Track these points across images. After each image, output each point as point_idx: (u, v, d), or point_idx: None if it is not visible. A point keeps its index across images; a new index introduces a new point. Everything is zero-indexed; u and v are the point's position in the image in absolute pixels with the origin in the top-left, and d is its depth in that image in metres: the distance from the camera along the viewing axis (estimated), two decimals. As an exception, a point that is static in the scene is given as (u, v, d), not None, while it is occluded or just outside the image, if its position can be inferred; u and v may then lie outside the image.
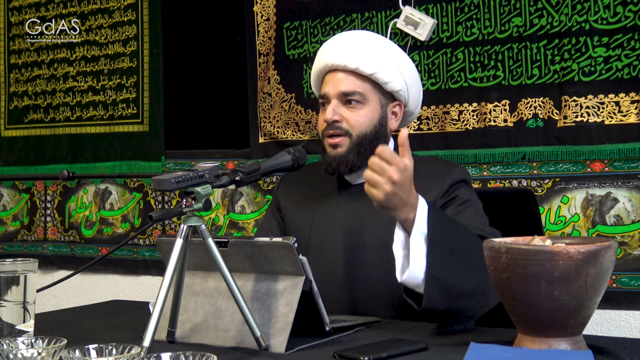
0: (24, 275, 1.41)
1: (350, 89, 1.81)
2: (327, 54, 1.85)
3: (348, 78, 1.81)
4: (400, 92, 1.84)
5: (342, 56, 1.81)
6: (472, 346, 1.23)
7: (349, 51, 1.81)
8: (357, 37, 1.87)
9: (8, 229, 3.56)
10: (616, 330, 2.32)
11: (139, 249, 3.20)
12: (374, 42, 1.84)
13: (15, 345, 1.17)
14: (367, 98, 1.82)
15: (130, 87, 3.24)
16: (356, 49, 1.81)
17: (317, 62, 1.89)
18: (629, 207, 2.29)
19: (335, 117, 1.80)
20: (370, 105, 1.83)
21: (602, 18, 2.29)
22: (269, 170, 1.59)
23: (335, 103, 1.81)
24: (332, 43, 1.87)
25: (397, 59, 1.84)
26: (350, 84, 1.81)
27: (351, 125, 1.81)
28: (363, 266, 1.80)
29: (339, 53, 1.82)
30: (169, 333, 1.44)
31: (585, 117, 2.32)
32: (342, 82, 1.81)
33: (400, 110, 1.89)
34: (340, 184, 1.91)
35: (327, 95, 1.83)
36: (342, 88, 1.81)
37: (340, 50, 1.82)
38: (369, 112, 1.82)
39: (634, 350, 1.29)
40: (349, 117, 1.81)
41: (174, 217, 1.71)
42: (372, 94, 1.83)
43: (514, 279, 1.21)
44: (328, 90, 1.83)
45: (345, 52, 1.81)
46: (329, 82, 1.84)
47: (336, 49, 1.83)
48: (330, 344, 1.39)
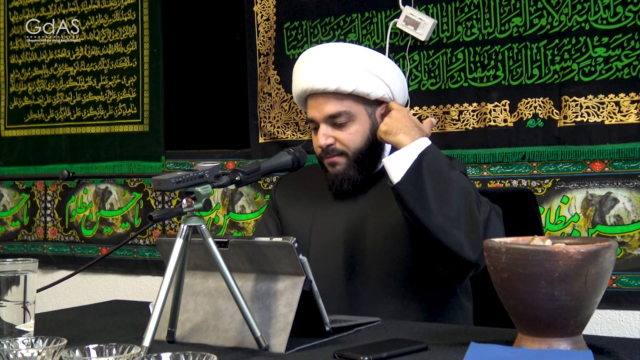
0: (24, 275, 1.41)
1: (335, 111, 1.78)
2: (304, 79, 1.81)
3: (330, 100, 1.78)
4: (384, 95, 1.81)
5: (319, 80, 1.77)
6: (472, 346, 1.23)
7: (325, 73, 1.77)
8: (328, 55, 1.80)
9: (8, 229, 3.56)
10: (616, 330, 2.32)
11: (139, 249, 3.20)
12: (346, 56, 1.79)
13: (15, 345, 1.17)
14: (353, 114, 1.79)
15: (130, 87, 3.24)
16: (331, 69, 1.77)
17: (295, 86, 1.86)
18: (629, 207, 2.29)
19: (329, 142, 1.79)
20: (358, 120, 1.80)
21: (602, 18, 2.29)
22: (269, 170, 1.59)
23: (324, 127, 1.80)
24: (306, 66, 1.82)
25: (373, 67, 1.79)
26: (334, 106, 1.78)
27: (345, 145, 1.80)
28: (363, 266, 1.80)
29: (315, 77, 1.78)
30: (169, 333, 1.44)
31: (585, 117, 2.32)
32: (326, 105, 1.79)
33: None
34: None
35: (314, 120, 1.82)
36: (328, 111, 1.79)
37: (315, 74, 1.78)
38: (359, 127, 1.80)
39: (634, 350, 1.29)
40: (342, 138, 1.80)
41: (174, 217, 1.71)
42: (358, 107, 1.80)
43: (514, 279, 1.21)
44: (314, 115, 1.81)
45: (321, 75, 1.77)
46: (313, 107, 1.82)
47: (311, 73, 1.79)
48: (330, 344, 1.39)
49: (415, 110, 2.58)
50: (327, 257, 1.83)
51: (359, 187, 1.83)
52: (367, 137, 1.81)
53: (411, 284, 1.77)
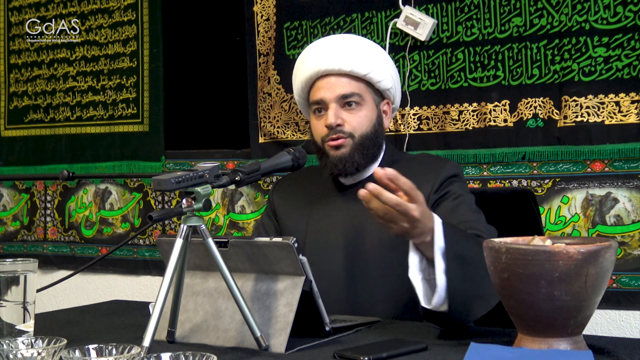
0: (24, 275, 1.41)
1: (348, 91, 1.81)
2: (317, 59, 1.83)
3: (343, 81, 1.81)
4: (390, 89, 1.87)
5: (335, 60, 1.81)
6: (472, 346, 1.23)
7: (341, 54, 1.81)
8: (344, 40, 1.87)
9: (8, 229, 3.56)
10: (616, 330, 2.32)
11: (139, 249, 3.20)
12: (361, 43, 1.86)
13: (15, 345, 1.17)
14: (364, 98, 1.83)
15: (130, 87, 3.24)
16: (347, 51, 1.82)
17: (304, 69, 1.87)
18: (629, 207, 2.29)
19: (338, 121, 1.80)
20: (367, 105, 1.84)
21: (602, 18, 2.29)
22: (269, 170, 1.59)
23: (334, 107, 1.81)
24: (320, 48, 1.86)
25: (385, 58, 1.87)
26: (348, 86, 1.81)
27: (353, 127, 1.81)
28: (362, 266, 1.80)
29: (330, 57, 1.81)
30: (169, 333, 1.44)
31: (585, 117, 2.32)
32: (339, 85, 1.81)
33: (389, 108, 1.91)
34: (336, 186, 1.90)
35: (324, 101, 1.82)
36: (341, 91, 1.81)
37: (331, 54, 1.82)
38: (368, 113, 1.83)
39: (634, 350, 1.29)
40: (350, 120, 1.81)
41: (174, 217, 1.71)
42: (367, 93, 1.84)
43: (514, 279, 1.21)
44: (324, 95, 1.82)
45: (337, 56, 1.81)
46: (323, 87, 1.83)
47: (327, 53, 1.83)
48: (330, 344, 1.39)
49: (415, 110, 2.58)
50: (324, 258, 1.82)
51: (355, 186, 1.83)
52: (374, 124, 1.84)
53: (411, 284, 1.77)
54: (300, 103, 1.96)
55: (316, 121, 1.85)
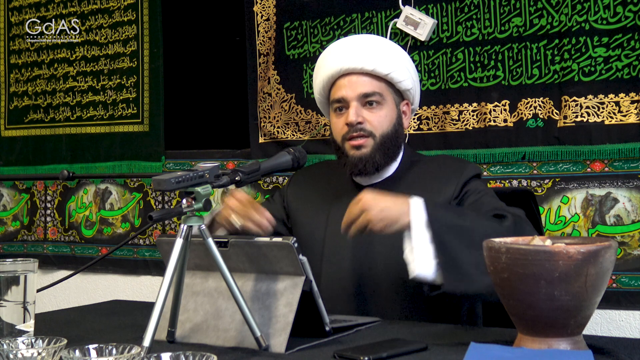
0: (24, 275, 1.41)
1: (370, 90, 1.82)
2: (340, 58, 1.85)
3: (365, 80, 1.83)
4: (410, 90, 1.89)
5: (358, 59, 1.82)
6: (472, 346, 1.23)
7: (364, 54, 1.83)
8: (367, 40, 1.89)
9: (8, 229, 3.56)
10: (616, 330, 2.32)
11: (139, 249, 3.20)
12: (384, 43, 1.88)
13: (15, 345, 1.17)
14: (385, 98, 1.84)
15: (130, 87, 3.24)
16: (370, 51, 1.84)
17: (326, 68, 1.88)
18: (629, 207, 2.29)
19: (359, 119, 1.81)
20: (388, 105, 1.85)
21: (602, 18, 2.29)
22: (269, 171, 1.59)
23: (356, 105, 1.82)
24: (343, 47, 1.87)
25: (406, 59, 1.89)
26: (369, 85, 1.83)
27: (374, 126, 1.83)
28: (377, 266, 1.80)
29: (353, 56, 1.83)
30: (169, 333, 1.44)
31: (585, 117, 2.32)
32: (360, 84, 1.83)
33: (409, 109, 1.92)
34: (354, 184, 1.90)
35: (345, 99, 1.84)
36: (362, 90, 1.82)
37: (354, 53, 1.84)
38: (388, 112, 1.85)
39: (634, 350, 1.29)
40: (371, 119, 1.83)
41: (174, 217, 1.71)
42: (388, 93, 1.86)
43: (514, 279, 1.21)
44: (346, 93, 1.83)
45: (360, 55, 1.83)
46: (344, 86, 1.84)
47: (349, 52, 1.84)
48: (330, 344, 1.39)
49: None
50: (343, 257, 1.82)
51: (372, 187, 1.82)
52: (394, 124, 1.86)
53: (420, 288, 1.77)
54: (321, 102, 1.96)
55: (336, 119, 1.87)
